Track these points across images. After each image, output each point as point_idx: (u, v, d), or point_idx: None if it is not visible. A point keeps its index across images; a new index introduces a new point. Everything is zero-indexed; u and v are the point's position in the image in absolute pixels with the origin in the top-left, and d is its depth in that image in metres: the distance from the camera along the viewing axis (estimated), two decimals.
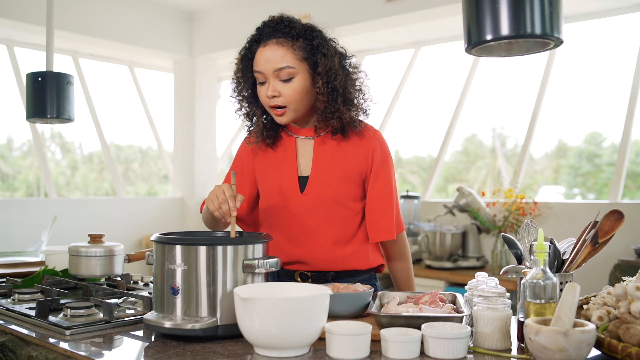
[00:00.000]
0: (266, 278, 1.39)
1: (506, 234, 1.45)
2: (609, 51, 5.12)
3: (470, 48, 1.27)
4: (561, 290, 1.29)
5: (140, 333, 1.39)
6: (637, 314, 1.11)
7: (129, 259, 1.93)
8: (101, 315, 1.48)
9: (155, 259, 1.37)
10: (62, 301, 1.62)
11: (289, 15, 1.69)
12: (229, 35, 5.51)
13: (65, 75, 2.44)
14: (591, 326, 1.05)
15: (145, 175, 8.46)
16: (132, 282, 1.98)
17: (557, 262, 1.34)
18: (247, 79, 1.71)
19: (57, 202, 5.16)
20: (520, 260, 1.40)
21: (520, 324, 1.26)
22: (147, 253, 1.42)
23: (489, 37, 1.20)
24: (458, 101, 4.95)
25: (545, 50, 1.30)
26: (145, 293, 1.71)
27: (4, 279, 1.99)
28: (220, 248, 1.31)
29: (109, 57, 5.95)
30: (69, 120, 2.46)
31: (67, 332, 1.36)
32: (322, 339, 1.25)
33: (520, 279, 1.30)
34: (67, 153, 8.02)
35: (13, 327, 1.46)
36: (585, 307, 1.26)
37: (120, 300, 1.67)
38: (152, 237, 1.37)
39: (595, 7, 4.25)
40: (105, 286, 1.78)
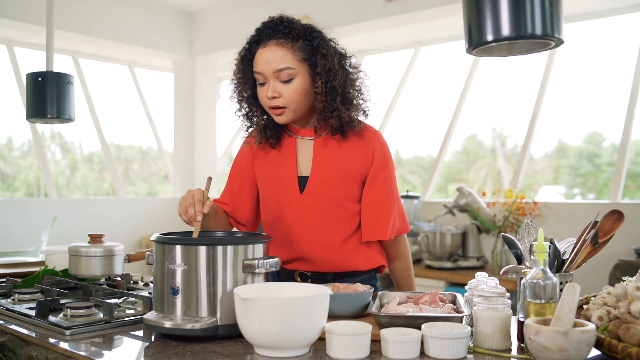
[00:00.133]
0: (266, 278, 1.39)
1: (506, 234, 1.45)
2: (609, 51, 5.13)
3: (471, 49, 1.27)
4: (561, 290, 1.29)
5: (140, 333, 1.39)
6: (637, 314, 1.11)
7: (129, 259, 1.93)
8: (101, 315, 1.48)
9: (155, 259, 1.37)
10: (62, 301, 1.62)
11: (288, 16, 1.68)
12: (229, 35, 5.51)
13: (65, 75, 2.44)
14: (591, 326, 1.05)
15: (145, 175, 8.46)
16: (132, 282, 1.98)
17: (557, 262, 1.34)
18: (247, 79, 1.71)
19: (57, 202, 5.16)
20: (520, 260, 1.40)
21: (520, 324, 1.26)
22: (147, 253, 1.42)
23: (489, 37, 1.20)
24: (458, 101, 4.95)
25: (545, 50, 1.30)
26: (145, 293, 1.71)
27: (4, 279, 1.99)
28: (220, 248, 1.31)
29: (109, 57, 5.95)
30: (69, 120, 2.46)
31: (67, 332, 1.36)
32: (322, 339, 1.25)
33: (520, 279, 1.30)
34: (67, 153, 8.02)
35: (13, 327, 1.46)
36: (585, 307, 1.26)
37: (120, 300, 1.67)
38: (152, 237, 1.38)
39: (595, 7, 4.25)
40: (105, 286, 1.78)
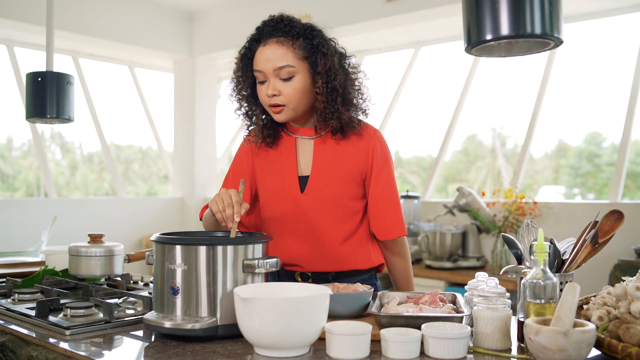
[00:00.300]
0: (266, 278, 1.39)
1: (506, 234, 1.45)
2: (609, 51, 5.12)
3: (470, 48, 1.26)
4: (561, 290, 1.29)
5: (140, 333, 1.39)
6: (637, 314, 1.11)
7: (129, 259, 1.93)
8: (101, 315, 1.48)
9: (155, 259, 1.37)
10: (62, 301, 1.62)
11: (289, 15, 1.69)
12: (229, 35, 5.51)
13: (65, 75, 2.44)
14: (591, 326, 1.05)
15: (145, 175, 8.45)
16: (132, 282, 1.98)
17: (557, 262, 1.34)
18: (246, 78, 1.71)
19: (57, 202, 5.16)
20: (520, 260, 1.40)
21: (520, 324, 1.26)
22: (147, 253, 1.42)
23: (488, 36, 1.20)
24: (458, 101, 4.95)
25: (545, 51, 1.30)
26: (145, 293, 1.71)
27: (4, 279, 1.99)
28: (220, 248, 1.31)
29: (109, 57, 5.95)
30: (69, 120, 2.46)
31: (67, 332, 1.36)
32: (322, 339, 1.25)
33: (520, 279, 1.30)
34: (67, 153, 8.02)
35: (13, 327, 1.46)
36: (585, 307, 1.26)
37: (120, 300, 1.67)
38: (152, 237, 1.38)
39: (595, 7, 4.25)
40: (105, 286, 1.78)
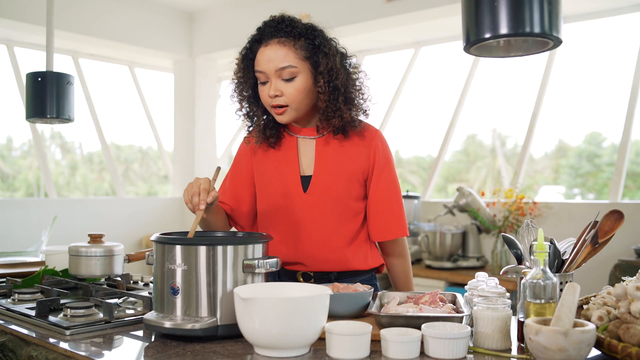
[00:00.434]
0: (266, 278, 1.39)
1: (506, 234, 1.45)
2: (609, 51, 5.12)
3: (468, 47, 1.26)
4: (561, 290, 1.29)
5: (140, 333, 1.39)
6: (637, 314, 1.11)
7: (129, 259, 1.93)
8: (101, 315, 1.48)
9: (155, 259, 1.37)
10: (62, 301, 1.61)
11: (289, 15, 1.69)
12: (229, 35, 5.51)
13: (65, 75, 2.44)
14: (591, 326, 1.05)
15: (145, 175, 8.45)
16: (132, 282, 1.98)
17: (557, 262, 1.34)
18: (248, 78, 1.71)
19: (57, 202, 5.16)
20: (520, 260, 1.40)
21: (520, 324, 1.26)
22: (147, 253, 1.42)
23: (487, 35, 1.20)
24: (458, 101, 4.95)
25: (544, 51, 1.30)
26: (145, 293, 1.71)
27: (4, 279, 1.99)
28: (220, 248, 1.31)
29: (109, 57, 5.95)
30: (69, 120, 2.46)
31: (67, 332, 1.36)
32: (322, 339, 1.25)
33: (520, 279, 1.30)
34: (67, 153, 8.02)
35: (13, 327, 1.46)
36: (585, 307, 1.26)
37: (120, 300, 1.67)
38: (152, 237, 1.37)
39: (595, 7, 4.25)
40: (105, 286, 1.78)
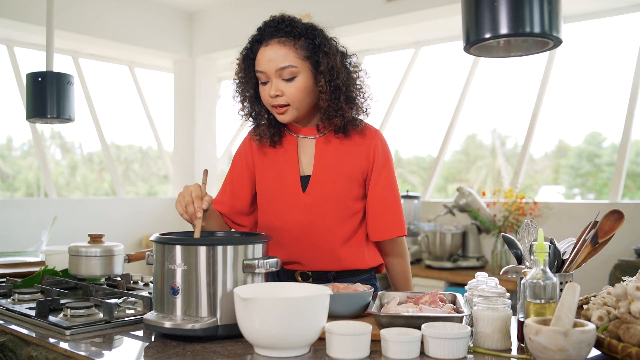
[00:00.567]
0: (266, 278, 1.39)
1: (506, 234, 1.45)
2: (609, 51, 5.12)
3: (468, 47, 1.26)
4: (561, 290, 1.29)
5: (140, 333, 1.39)
6: (637, 314, 1.11)
7: (129, 259, 1.93)
8: (101, 315, 1.48)
9: (155, 259, 1.37)
10: (62, 301, 1.62)
11: (289, 15, 1.69)
12: (229, 35, 5.51)
13: (65, 75, 2.44)
14: (591, 326, 1.05)
15: (145, 175, 8.45)
16: (132, 282, 1.98)
17: (557, 262, 1.34)
18: (249, 78, 1.71)
19: (57, 202, 5.16)
20: (520, 260, 1.40)
21: (520, 324, 1.26)
22: (147, 253, 1.42)
23: (487, 35, 1.20)
24: (458, 101, 4.95)
25: (544, 51, 1.30)
26: (145, 293, 1.71)
27: (4, 279, 1.99)
28: (220, 248, 1.31)
29: (109, 57, 5.95)
30: (69, 120, 2.46)
31: (67, 332, 1.36)
32: (322, 339, 1.25)
33: (520, 279, 1.30)
34: (67, 153, 8.02)
35: (13, 327, 1.46)
36: (585, 307, 1.26)
37: (120, 300, 1.67)
38: (152, 237, 1.37)
39: (595, 7, 4.25)
40: (105, 286, 1.78)
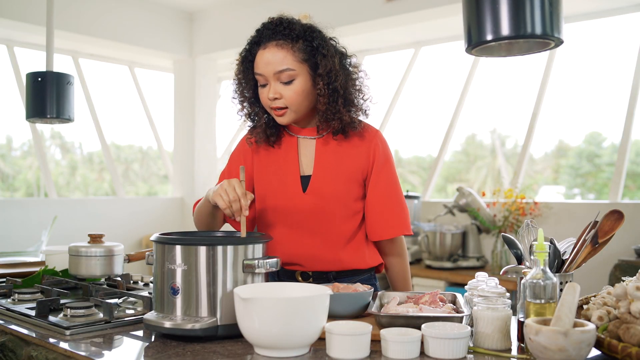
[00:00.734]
0: (266, 278, 1.39)
1: (506, 234, 1.45)
2: (609, 51, 5.12)
3: (470, 48, 1.27)
4: (561, 290, 1.29)
5: (140, 333, 1.39)
6: (637, 314, 1.11)
7: (129, 259, 1.93)
8: (101, 315, 1.48)
9: (155, 259, 1.37)
10: (62, 301, 1.62)
11: (288, 16, 1.68)
12: (229, 35, 5.51)
13: (65, 75, 2.44)
14: (591, 326, 1.05)
15: (145, 175, 8.45)
16: (132, 282, 1.98)
17: (557, 262, 1.34)
18: (248, 80, 1.71)
19: (57, 202, 5.16)
20: (520, 260, 1.40)
21: (520, 324, 1.26)
22: (147, 253, 1.42)
23: (489, 37, 1.20)
24: (458, 101, 4.95)
25: (545, 50, 1.30)
26: (145, 293, 1.71)
27: (4, 279, 1.99)
28: (220, 248, 1.31)
29: (109, 57, 5.95)
30: (69, 120, 2.46)
31: (67, 332, 1.36)
32: (322, 339, 1.25)
33: (520, 279, 1.30)
34: (67, 153, 8.02)
35: (13, 327, 1.46)
36: (585, 307, 1.26)
37: (120, 300, 1.67)
38: (152, 237, 1.37)
39: (595, 7, 4.25)
40: (105, 286, 1.78)
